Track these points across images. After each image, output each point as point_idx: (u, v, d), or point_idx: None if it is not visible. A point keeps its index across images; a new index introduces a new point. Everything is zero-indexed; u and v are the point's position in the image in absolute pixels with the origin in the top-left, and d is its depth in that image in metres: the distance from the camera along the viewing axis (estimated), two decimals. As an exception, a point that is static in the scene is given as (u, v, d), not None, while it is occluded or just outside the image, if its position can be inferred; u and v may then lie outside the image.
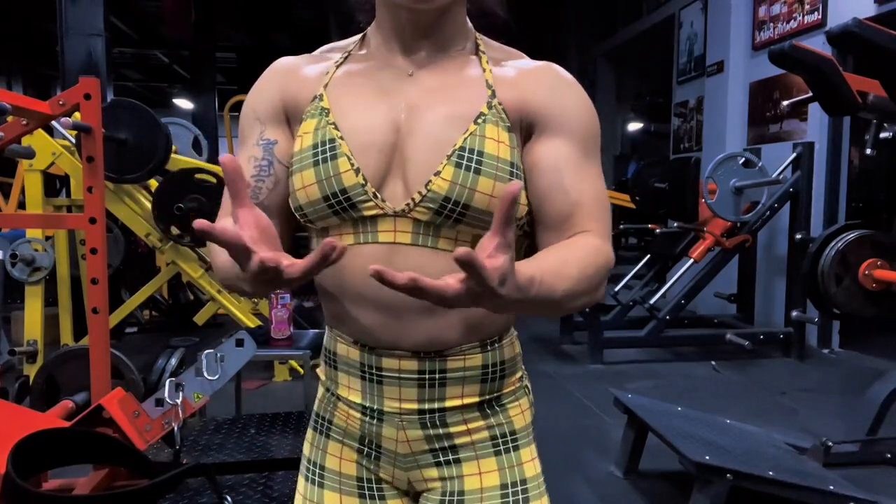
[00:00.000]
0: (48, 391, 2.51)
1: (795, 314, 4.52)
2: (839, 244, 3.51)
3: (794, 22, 5.16)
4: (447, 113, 0.81)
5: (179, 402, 1.78)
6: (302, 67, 0.89)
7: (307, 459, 0.93)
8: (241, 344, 1.90)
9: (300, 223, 0.86)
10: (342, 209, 0.80)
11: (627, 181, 7.62)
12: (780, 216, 4.75)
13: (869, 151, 3.42)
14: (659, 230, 5.46)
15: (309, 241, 0.89)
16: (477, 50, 0.88)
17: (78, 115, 2.07)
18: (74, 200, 4.11)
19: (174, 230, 4.00)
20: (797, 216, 4.59)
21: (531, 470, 0.89)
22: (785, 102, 3.80)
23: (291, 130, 0.86)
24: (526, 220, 0.83)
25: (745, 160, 4.58)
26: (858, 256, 3.49)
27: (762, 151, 5.06)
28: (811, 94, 3.21)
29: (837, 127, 4.77)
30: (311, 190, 0.80)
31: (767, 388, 3.95)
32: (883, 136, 3.32)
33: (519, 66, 0.86)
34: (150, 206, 4.04)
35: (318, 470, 0.91)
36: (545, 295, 0.68)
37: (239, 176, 0.65)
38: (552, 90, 0.84)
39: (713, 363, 4.41)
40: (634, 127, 11.52)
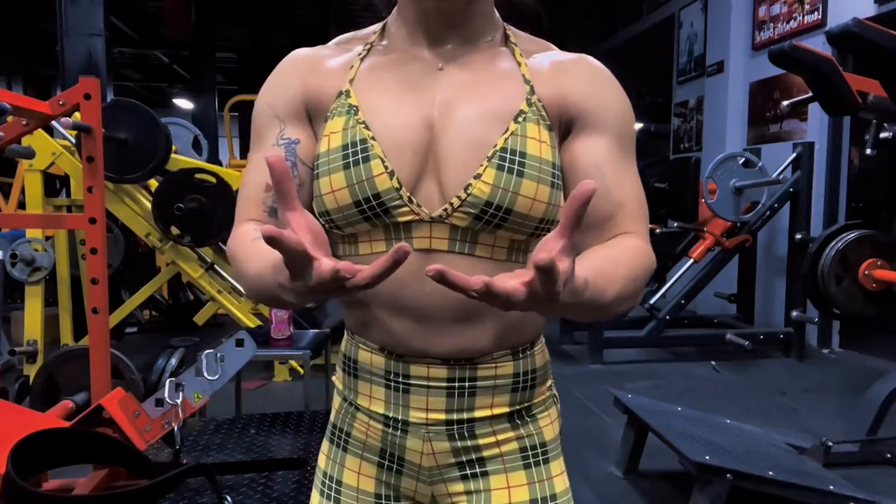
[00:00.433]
0: (48, 391, 2.51)
1: (795, 314, 4.52)
2: (839, 244, 3.51)
3: (794, 22, 5.16)
4: (483, 110, 0.76)
5: (179, 402, 1.77)
6: (323, 60, 0.82)
7: (322, 473, 0.88)
8: (241, 344, 1.90)
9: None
10: (374, 215, 0.74)
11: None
12: (780, 216, 4.74)
13: (869, 151, 3.42)
14: (659, 230, 5.45)
15: (332, 247, 0.84)
16: (507, 41, 0.83)
17: (78, 115, 2.06)
18: (74, 200, 4.11)
19: (174, 230, 4.00)
20: (797, 216, 4.59)
21: (561, 485, 0.85)
22: (785, 102, 3.80)
23: (314, 128, 0.80)
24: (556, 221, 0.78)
25: (745, 160, 4.58)
26: (858, 256, 3.50)
27: (762, 151, 5.06)
28: (811, 94, 3.21)
29: (837, 127, 4.76)
30: (340, 195, 0.74)
31: (767, 388, 3.95)
32: (883, 136, 3.32)
33: (553, 58, 0.82)
34: (150, 206, 4.04)
35: (334, 485, 0.87)
36: (596, 298, 0.65)
37: (287, 177, 0.59)
38: (591, 85, 0.80)
39: (713, 363, 4.41)
40: (635, 127, 11.50)
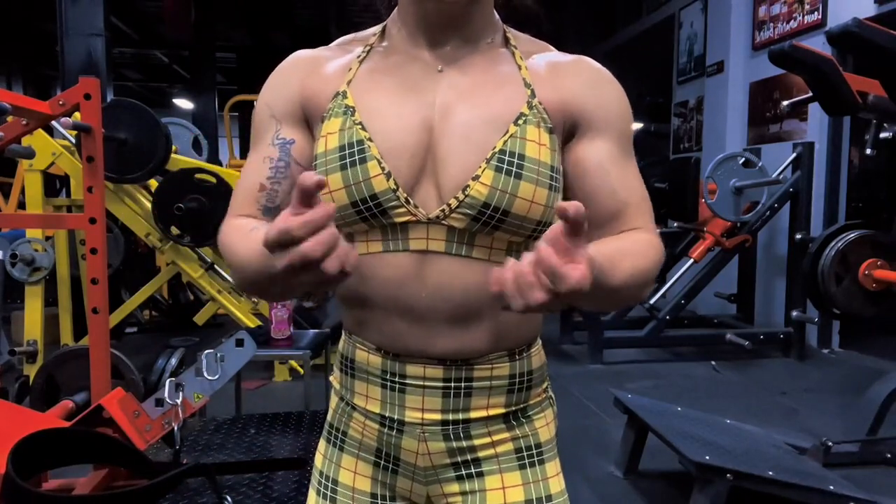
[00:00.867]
0: (48, 391, 2.51)
1: (795, 314, 4.52)
2: (839, 244, 3.51)
3: (794, 22, 5.16)
4: (483, 113, 0.76)
5: (179, 402, 1.77)
6: (323, 62, 0.83)
7: (319, 472, 0.89)
8: (241, 344, 1.90)
9: None
10: (371, 216, 0.75)
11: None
12: (780, 216, 4.74)
13: (869, 151, 3.42)
14: (659, 230, 5.44)
15: None
16: (507, 43, 0.83)
17: (78, 115, 2.06)
18: (74, 200, 4.11)
19: (174, 230, 4.00)
20: (797, 216, 4.59)
21: (556, 485, 0.85)
22: (785, 102, 3.79)
23: (311, 130, 0.81)
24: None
25: (745, 160, 4.58)
26: (858, 256, 3.50)
27: (762, 151, 5.06)
28: (811, 94, 3.21)
29: (837, 127, 4.76)
30: (337, 195, 0.75)
31: (767, 388, 3.95)
32: (883, 136, 3.32)
33: (553, 60, 0.82)
34: (150, 206, 4.04)
35: (330, 484, 0.87)
36: (604, 282, 0.64)
37: (313, 198, 0.56)
38: (593, 87, 0.81)
39: (713, 363, 4.41)
40: (634, 127, 11.48)
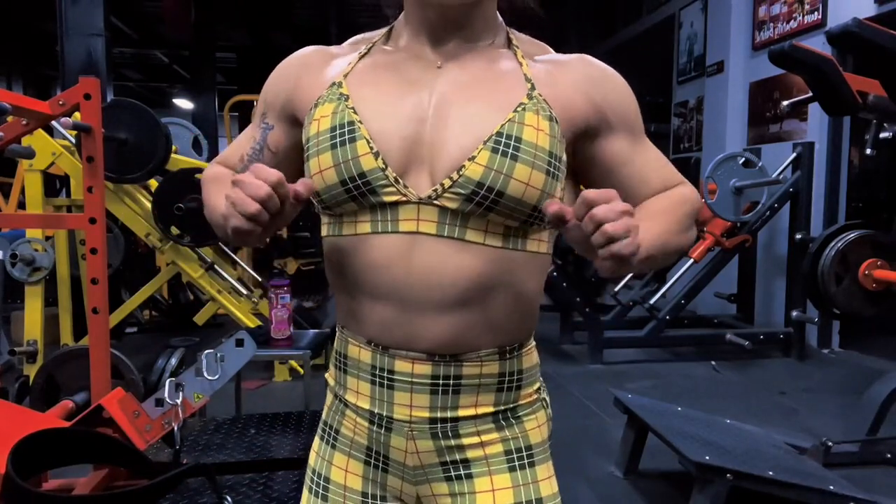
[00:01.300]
0: (48, 391, 2.51)
1: (795, 314, 4.52)
2: (839, 244, 3.51)
3: (794, 22, 5.16)
4: (482, 105, 0.78)
5: (179, 402, 1.77)
6: (328, 58, 0.87)
7: (312, 470, 0.89)
8: (241, 344, 1.90)
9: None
10: (360, 194, 0.76)
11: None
12: (780, 216, 4.74)
13: (869, 151, 3.42)
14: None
15: (322, 229, 0.86)
16: (509, 44, 0.86)
17: (78, 115, 2.06)
18: (74, 200, 4.10)
19: (174, 230, 4.00)
20: (797, 216, 4.59)
21: (547, 489, 0.85)
22: (785, 102, 3.79)
23: (299, 121, 0.85)
24: None
25: (745, 160, 4.58)
26: (858, 256, 3.50)
27: (762, 151, 5.06)
28: (811, 94, 3.21)
29: (837, 127, 4.76)
30: (328, 174, 0.77)
31: (767, 388, 3.95)
32: (883, 136, 3.32)
33: (555, 60, 0.85)
34: (150, 206, 4.03)
35: (322, 482, 0.87)
36: (660, 242, 0.79)
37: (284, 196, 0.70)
38: (599, 85, 0.84)
39: (713, 363, 4.41)
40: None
